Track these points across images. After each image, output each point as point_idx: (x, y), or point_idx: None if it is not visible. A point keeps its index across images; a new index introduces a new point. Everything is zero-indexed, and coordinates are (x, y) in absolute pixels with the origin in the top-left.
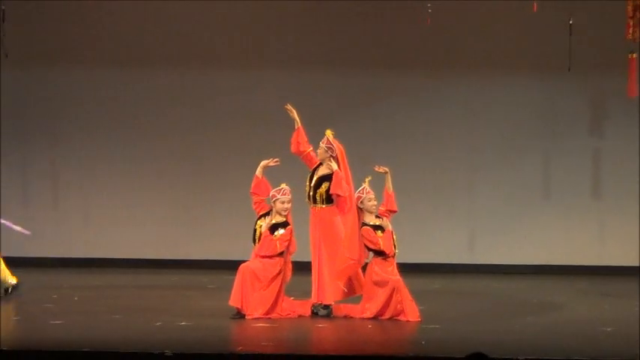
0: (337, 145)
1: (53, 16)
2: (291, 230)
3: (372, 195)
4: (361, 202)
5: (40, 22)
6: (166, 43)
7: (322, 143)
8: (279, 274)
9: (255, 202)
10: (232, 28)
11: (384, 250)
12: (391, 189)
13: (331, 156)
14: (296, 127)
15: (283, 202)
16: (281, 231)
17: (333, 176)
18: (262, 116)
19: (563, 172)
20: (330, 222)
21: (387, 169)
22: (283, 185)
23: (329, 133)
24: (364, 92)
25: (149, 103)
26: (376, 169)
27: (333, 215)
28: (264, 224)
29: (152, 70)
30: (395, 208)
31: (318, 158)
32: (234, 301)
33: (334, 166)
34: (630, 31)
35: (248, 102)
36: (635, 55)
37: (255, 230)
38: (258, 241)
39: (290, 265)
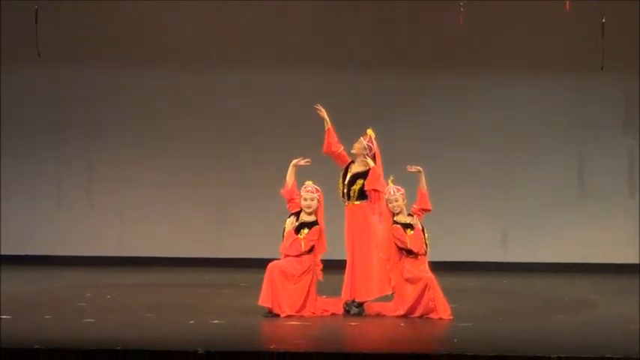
0: (375, 146)
1: (87, 15)
2: (320, 230)
3: (394, 196)
4: (386, 202)
5: (72, 21)
6: (202, 43)
7: (363, 139)
8: (308, 271)
9: (289, 201)
10: (269, 29)
11: (412, 248)
12: (425, 188)
13: (367, 154)
14: (326, 127)
15: (306, 200)
16: (306, 230)
17: (370, 172)
18: (297, 116)
19: (598, 170)
20: (364, 218)
21: (420, 169)
22: (308, 182)
23: (371, 132)
24: (398, 93)
25: (185, 102)
26: (408, 169)
27: (368, 212)
28: (290, 223)
29: (188, 68)
30: (429, 206)
31: (354, 152)
32: (263, 301)
33: (371, 162)
34: None
35: (283, 102)
36: None
37: (284, 229)
38: (284, 239)
39: (320, 266)
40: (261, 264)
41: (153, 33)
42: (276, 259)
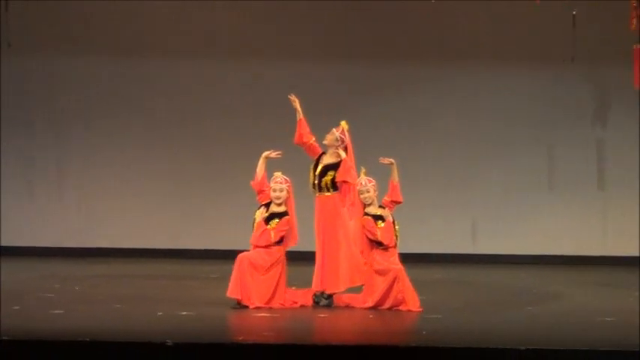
0: (348, 138)
1: (55, 6)
2: (289, 221)
3: (365, 187)
4: (358, 193)
5: (41, 11)
6: (169, 34)
7: (336, 130)
8: (277, 262)
9: (259, 193)
10: (240, 20)
11: (383, 240)
12: (397, 180)
13: (339, 145)
14: (298, 118)
15: (275, 191)
16: (276, 221)
17: (342, 163)
18: (266, 106)
19: (566, 162)
20: (334, 210)
21: (392, 160)
22: (277, 174)
23: (344, 124)
24: (369, 84)
25: (152, 94)
26: (381, 160)
27: (338, 203)
28: (260, 213)
29: (152, 60)
30: (400, 199)
31: (326, 143)
32: (232, 292)
33: (342, 154)
34: (634, 22)
35: (251, 92)
36: (639, 46)
37: (254, 220)
38: (254, 230)
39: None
40: (230, 255)
41: (121, 24)
42: (246, 250)
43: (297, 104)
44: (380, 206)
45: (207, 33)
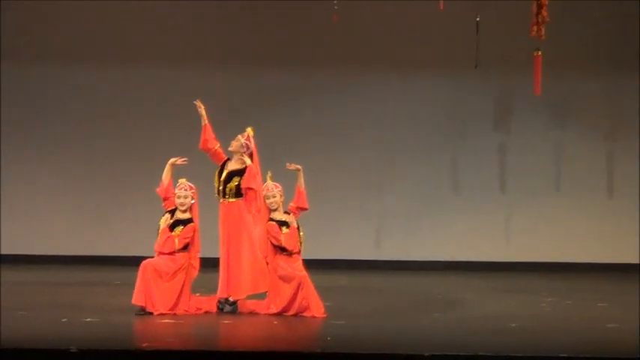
0: (253, 144)
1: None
2: (194, 228)
3: (272, 192)
4: (264, 198)
5: None
6: (83, 37)
7: (241, 137)
8: (181, 269)
9: (164, 199)
10: (147, 26)
11: (286, 246)
12: (303, 186)
13: (245, 152)
14: (203, 123)
15: (180, 197)
16: (180, 228)
17: (247, 170)
18: (172, 112)
19: (470, 167)
20: (239, 216)
21: (299, 167)
22: (181, 180)
23: (250, 130)
24: (276, 91)
25: (57, 102)
26: (288, 166)
27: (243, 209)
28: (165, 220)
29: (66, 66)
30: (306, 205)
31: (232, 149)
32: (137, 300)
33: (248, 160)
34: (535, 28)
35: (158, 97)
36: (539, 53)
37: (158, 226)
38: (158, 237)
39: (196, 264)
40: (135, 262)
41: (33, 28)
42: (151, 257)
43: (202, 110)
44: (285, 212)
45: (116, 37)
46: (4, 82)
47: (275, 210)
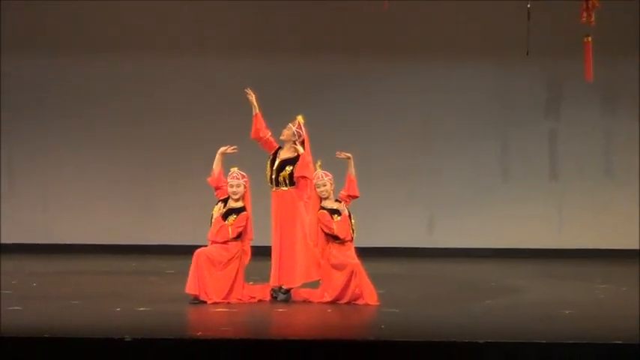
0: (305, 132)
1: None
2: (247, 217)
3: (322, 181)
4: (314, 187)
5: None
6: (127, 32)
7: (292, 125)
8: (234, 257)
9: (216, 189)
10: (194, 16)
11: (339, 234)
12: (354, 174)
13: (296, 140)
14: (254, 112)
15: (232, 186)
16: (233, 216)
17: (300, 159)
18: (223, 101)
19: (520, 155)
20: (291, 204)
21: (349, 155)
22: (233, 169)
23: (301, 118)
24: (326, 79)
25: (110, 91)
26: (338, 155)
27: (295, 198)
28: (218, 209)
29: (113, 57)
30: (356, 193)
31: (283, 138)
32: (190, 289)
33: (300, 149)
34: (584, 14)
35: (208, 88)
36: (590, 39)
37: (212, 216)
38: (211, 226)
39: (248, 251)
40: (188, 251)
41: (79, 22)
42: (204, 246)
43: (253, 98)
44: (336, 200)
45: (165, 30)
46: (56, 69)
47: (326, 198)
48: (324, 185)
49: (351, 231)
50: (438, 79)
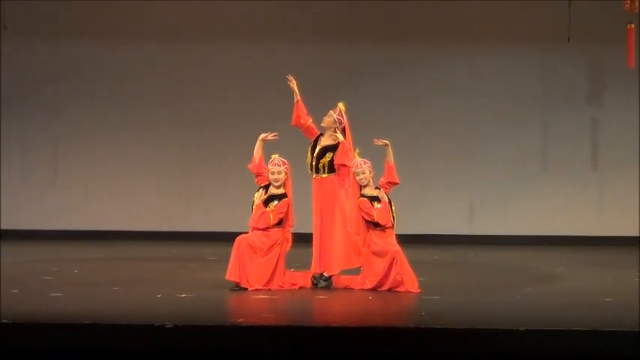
0: (345, 119)
1: None
2: (288, 203)
3: (361, 168)
4: (354, 174)
5: None
6: (168, 15)
7: (333, 112)
8: (275, 244)
9: (257, 176)
10: (237, 2)
11: (379, 221)
12: (392, 161)
13: (337, 127)
14: (295, 99)
15: (273, 173)
16: (275, 203)
17: (340, 146)
18: (263, 88)
19: (561, 142)
20: (332, 191)
21: (387, 142)
22: (274, 156)
23: (342, 105)
24: (366, 65)
25: (151, 76)
26: (375, 142)
27: (336, 185)
28: (259, 196)
29: (153, 41)
30: (396, 180)
31: (324, 125)
32: (231, 275)
33: (340, 137)
34: (627, 2)
35: (248, 74)
36: (632, 26)
37: (253, 202)
38: (252, 213)
39: (289, 238)
40: (228, 237)
41: (120, 6)
42: (245, 232)
43: (294, 85)
44: (376, 187)
45: (202, 13)
46: (97, 55)
47: (365, 186)
48: (363, 173)
49: (392, 218)
50: (479, 65)
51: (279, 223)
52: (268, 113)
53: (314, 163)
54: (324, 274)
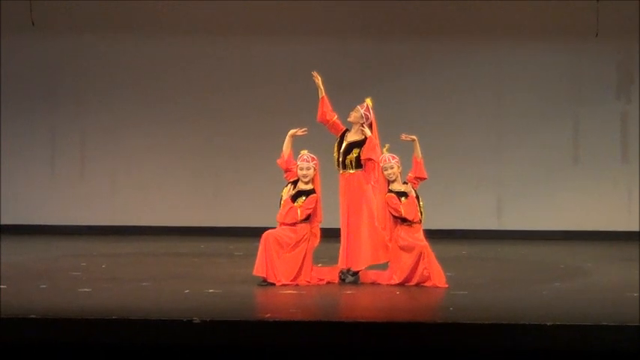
0: (372, 115)
1: None
2: (316, 199)
3: (389, 163)
4: (381, 170)
5: None
6: (197, 10)
7: (360, 108)
8: (303, 239)
9: (286, 171)
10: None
11: (407, 216)
12: (420, 156)
13: (364, 123)
14: (320, 95)
15: (302, 169)
16: (303, 198)
17: (367, 141)
18: (289, 84)
19: (591, 136)
20: (359, 187)
21: (414, 137)
22: (303, 152)
23: (369, 101)
24: (390, 59)
25: (179, 70)
26: (403, 137)
27: (362, 181)
28: (287, 191)
29: (182, 36)
30: (424, 175)
31: (351, 120)
32: (258, 271)
33: (367, 132)
34: None
35: (275, 70)
36: None
37: (281, 197)
38: (280, 208)
39: (317, 233)
40: (256, 233)
41: (143, 1)
42: (272, 228)
43: (319, 81)
44: (404, 183)
45: (230, 8)
46: (125, 49)
47: (393, 181)
48: (391, 168)
49: (419, 213)
50: (508, 59)
51: (307, 218)
52: (297, 108)
53: (340, 159)
54: (352, 269)
